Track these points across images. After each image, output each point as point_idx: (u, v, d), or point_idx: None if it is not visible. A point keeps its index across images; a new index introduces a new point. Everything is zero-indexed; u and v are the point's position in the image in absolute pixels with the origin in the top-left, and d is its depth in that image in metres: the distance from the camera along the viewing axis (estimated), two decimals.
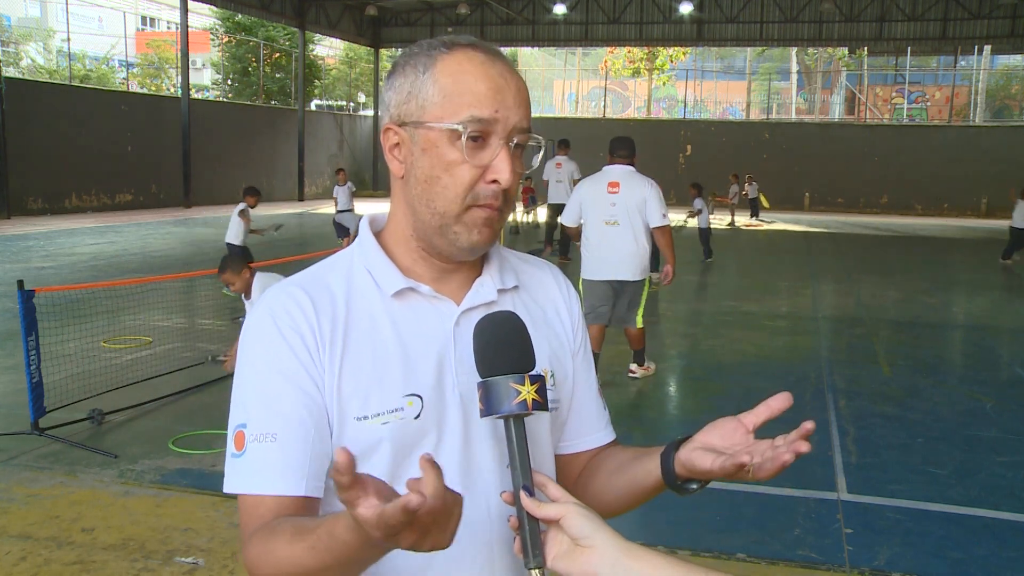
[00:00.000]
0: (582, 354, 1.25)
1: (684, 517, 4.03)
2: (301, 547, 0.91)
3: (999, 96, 38.75)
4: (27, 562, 3.44)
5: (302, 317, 1.06)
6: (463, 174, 1.04)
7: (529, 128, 1.07)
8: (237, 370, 1.09)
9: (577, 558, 0.96)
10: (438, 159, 1.05)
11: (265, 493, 1.02)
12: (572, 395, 1.23)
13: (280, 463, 1.02)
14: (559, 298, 1.25)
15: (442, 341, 1.09)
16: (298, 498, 1.02)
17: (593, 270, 6.20)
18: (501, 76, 1.05)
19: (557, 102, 42.99)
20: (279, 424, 1.03)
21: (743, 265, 15.07)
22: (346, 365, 1.05)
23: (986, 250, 19.00)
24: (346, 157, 33.27)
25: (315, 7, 28.85)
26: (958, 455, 5.09)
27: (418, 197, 1.07)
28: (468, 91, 1.03)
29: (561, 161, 13.35)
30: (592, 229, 6.17)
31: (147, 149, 23.80)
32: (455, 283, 1.14)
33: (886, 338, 8.86)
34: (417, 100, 1.06)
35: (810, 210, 30.89)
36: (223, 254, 5.21)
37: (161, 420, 5.40)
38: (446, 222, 1.06)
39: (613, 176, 6.13)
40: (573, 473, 1.27)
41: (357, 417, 1.04)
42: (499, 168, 1.04)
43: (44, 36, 37.34)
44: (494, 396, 0.98)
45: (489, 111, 1.03)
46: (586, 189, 6.26)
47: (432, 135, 1.04)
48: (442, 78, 1.04)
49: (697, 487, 1.09)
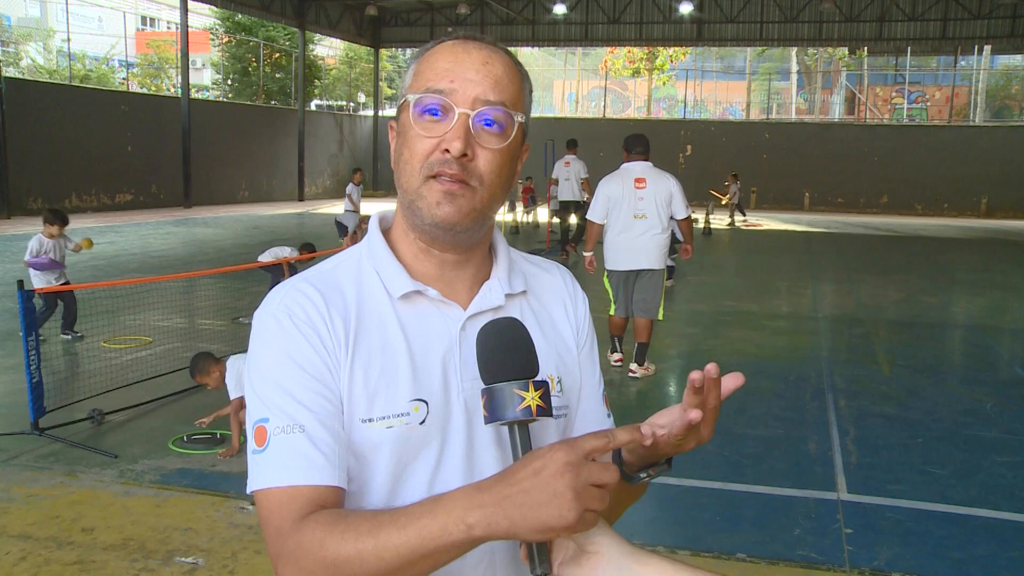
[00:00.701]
0: (588, 358, 1.24)
1: (684, 517, 4.03)
2: (397, 536, 0.89)
3: (999, 96, 38.76)
4: (27, 562, 3.44)
5: (316, 314, 1.05)
6: (418, 145, 1.05)
7: (499, 103, 1.05)
8: (251, 367, 1.06)
9: (583, 564, 0.95)
10: (403, 137, 1.08)
11: (298, 484, 0.98)
12: (579, 398, 1.22)
13: (312, 452, 0.99)
14: (567, 302, 1.24)
15: (447, 346, 1.09)
16: (333, 488, 0.99)
17: (618, 260, 6.55)
18: (466, 52, 1.06)
19: (557, 102, 43.01)
20: (304, 415, 1.00)
21: (743, 265, 15.07)
22: (356, 366, 1.04)
23: (986, 250, 19.01)
24: (346, 157, 33.27)
25: (315, 7, 28.85)
26: (958, 455, 5.09)
27: (396, 180, 1.10)
28: (431, 68, 1.07)
29: (570, 160, 13.68)
30: (619, 222, 6.49)
31: (147, 149, 23.79)
32: (463, 286, 1.13)
33: (886, 338, 8.86)
34: (401, 91, 1.11)
35: (810, 210, 30.90)
36: (193, 354, 5.08)
37: (161, 420, 5.40)
38: (411, 198, 1.07)
39: (637, 172, 6.52)
40: None
41: (362, 419, 1.04)
42: (449, 137, 1.03)
43: (44, 36, 37.37)
44: (498, 403, 0.97)
45: (444, 82, 1.04)
46: (612, 186, 6.55)
47: (404, 117, 1.08)
48: (419, 65, 1.09)
49: (646, 476, 1.04)
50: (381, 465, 1.05)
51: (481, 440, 1.08)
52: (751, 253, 17.02)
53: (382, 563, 0.89)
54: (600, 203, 6.57)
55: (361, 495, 1.06)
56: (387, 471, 1.05)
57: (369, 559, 0.90)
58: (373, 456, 1.04)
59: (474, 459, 1.08)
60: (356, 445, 1.03)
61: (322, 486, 0.99)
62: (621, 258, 6.53)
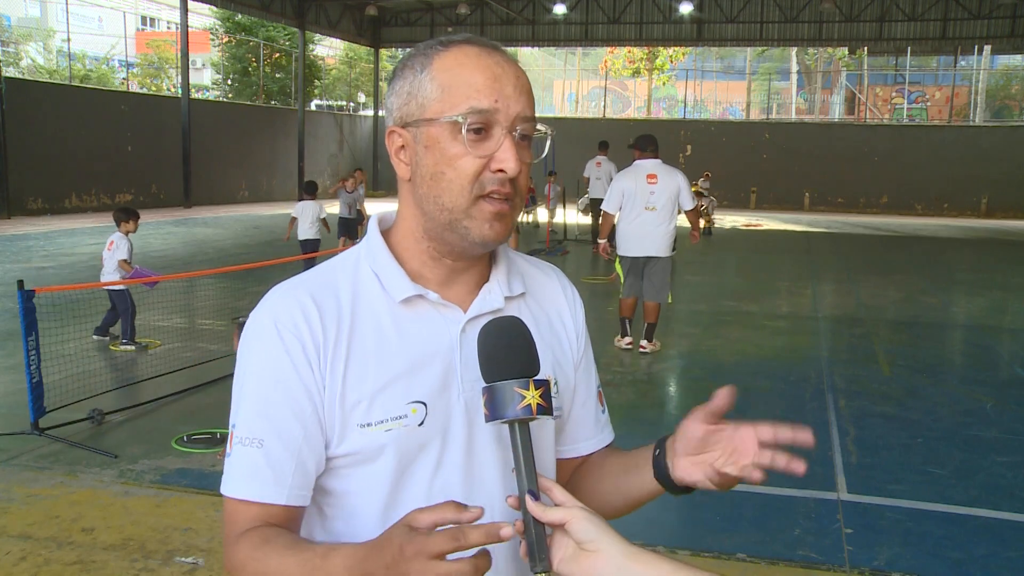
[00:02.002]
0: (584, 361, 1.25)
1: (684, 517, 4.03)
2: (292, 561, 0.95)
3: (999, 96, 38.74)
4: (27, 562, 3.44)
5: (305, 325, 1.05)
6: (467, 165, 1.03)
7: (533, 118, 1.07)
8: (237, 369, 1.09)
9: (582, 562, 0.96)
10: (441, 154, 1.04)
11: (247, 499, 1.03)
12: (573, 401, 1.23)
13: (263, 470, 1.03)
14: (564, 305, 1.24)
15: (448, 348, 1.09)
16: (280, 506, 1.03)
17: (631, 247, 7.32)
18: (498, 66, 1.05)
19: (557, 102, 43.01)
20: (267, 430, 1.03)
21: (743, 265, 15.06)
22: (350, 371, 1.05)
23: (986, 250, 19.00)
24: (346, 157, 33.27)
25: (315, 7, 28.83)
26: (958, 455, 5.08)
27: (426, 196, 1.07)
28: (465, 83, 1.03)
29: (601, 160, 15.17)
30: (632, 213, 7.24)
31: (147, 149, 23.78)
32: (463, 288, 1.13)
33: (886, 338, 8.86)
34: (417, 100, 1.06)
35: (810, 210, 30.90)
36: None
37: (161, 420, 5.40)
38: (455, 217, 1.05)
39: (649, 169, 7.27)
40: (564, 476, 1.26)
41: (360, 424, 1.04)
42: (503, 157, 1.03)
43: (44, 36, 37.35)
44: (499, 401, 0.98)
45: (488, 101, 1.02)
46: (627, 181, 7.30)
47: (434, 131, 1.04)
48: (439, 74, 1.04)
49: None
50: (384, 467, 1.05)
51: (481, 440, 1.09)
52: (751, 253, 17.01)
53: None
54: (615, 196, 7.30)
55: (363, 496, 1.07)
56: (389, 473, 1.06)
57: (272, 571, 0.97)
58: (376, 459, 1.05)
59: (474, 460, 1.09)
60: (358, 451, 1.04)
61: (269, 504, 1.03)
62: (633, 245, 7.29)
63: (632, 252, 7.32)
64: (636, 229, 7.23)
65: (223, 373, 6.08)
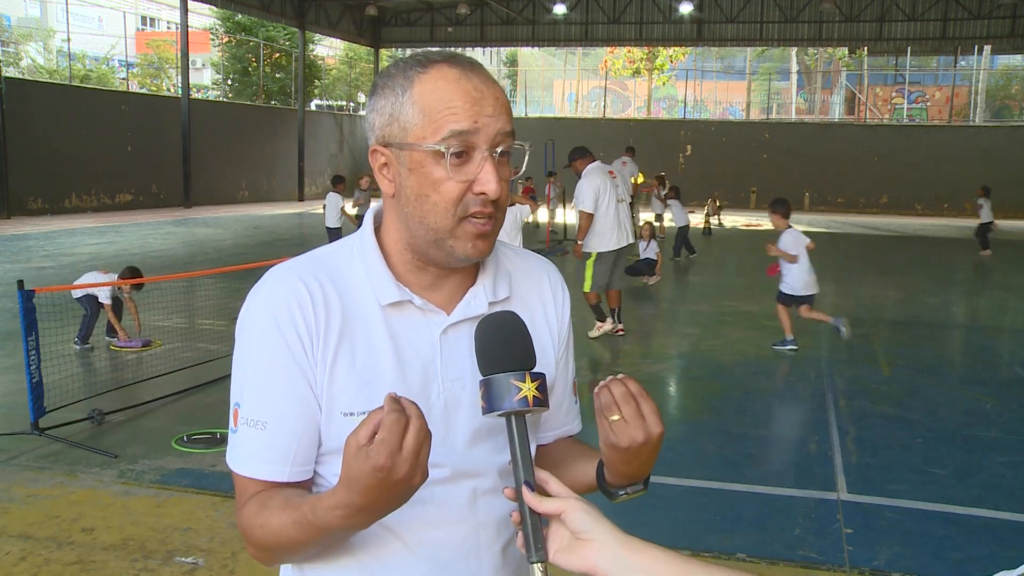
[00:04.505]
0: (565, 355, 1.28)
1: (684, 517, 4.03)
2: (288, 519, 1.02)
3: (999, 96, 38.72)
4: (27, 562, 3.44)
5: (299, 312, 1.08)
6: (450, 190, 1.06)
7: (512, 132, 1.10)
8: (236, 351, 1.12)
9: (578, 552, 0.98)
10: (425, 178, 1.07)
11: (253, 476, 1.09)
12: (551, 394, 1.26)
13: (267, 450, 1.08)
14: (550, 300, 1.27)
15: (429, 350, 1.12)
16: (281, 483, 1.09)
17: (610, 241, 7.63)
18: (476, 89, 1.07)
19: (557, 102, 42.98)
20: (269, 413, 1.08)
21: (743, 265, 15.05)
22: (339, 360, 1.09)
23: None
24: (346, 157, 33.28)
25: (315, 7, 28.83)
26: (958, 455, 5.09)
27: (411, 215, 1.10)
28: (445, 107, 1.05)
29: (626, 161, 16.44)
30: (609, 208, 7.61)
31: (147, 149, 23.78)
32: (448, 291, 1.16)
33: (886, 338, 8.86)
34: (399, 122, 1.08)
35: (810, 210, 30.86)
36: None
37: (161, 420, 5.40)
38: (440, 236, 1.09)
39: (606, 167, 7.95)
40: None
41: (344, 412, 1.08)
42: (485, 180, 1.06)
43: (44, 36, 37.35)
44: (495, 393, 1.01)
45: (468, 123, 1.05)
46: (596, 179, 7.66)
47: (417, 155, 1.07)
48: (420, 99, 1.07)
49: (624, 494, 1.13)
50: None
51: (459, 439, 1.13)
52: (751, 253, 17.00)
53: (288, 539, 1.03)
54: (590, 195, 7.57)
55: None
56: None
57: (278, 535, 1.04)
58: None
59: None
60: (337, 437, 1.06)
61: (271, 481, 1.09)
62: (613, 238, 7.65)
63: (611, 246, 7.67)
64: (612, 221, 7.64)
65: (223, 373, 6.07)
